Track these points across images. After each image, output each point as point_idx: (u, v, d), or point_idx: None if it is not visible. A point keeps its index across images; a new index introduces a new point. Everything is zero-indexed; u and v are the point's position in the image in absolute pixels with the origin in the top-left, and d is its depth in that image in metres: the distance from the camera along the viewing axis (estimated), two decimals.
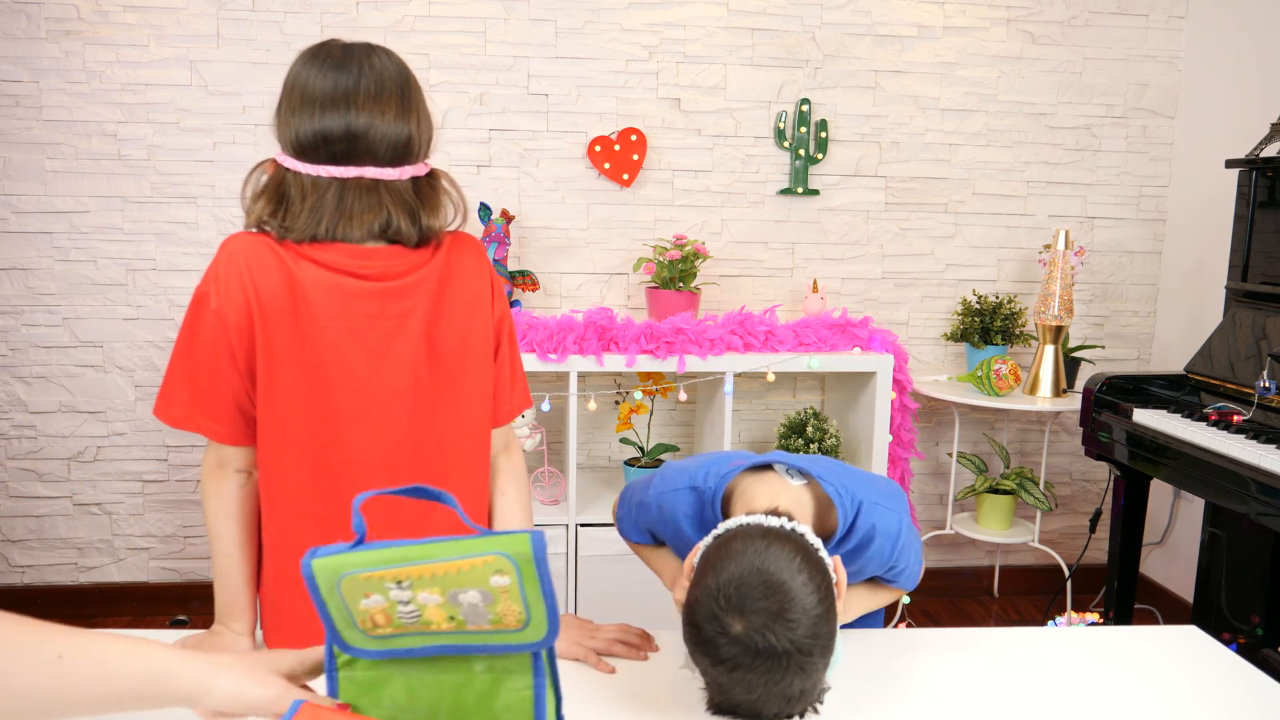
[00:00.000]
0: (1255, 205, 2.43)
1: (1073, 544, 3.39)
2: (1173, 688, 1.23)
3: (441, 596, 0.82)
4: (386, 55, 1.25)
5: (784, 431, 2.92)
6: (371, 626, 0.85)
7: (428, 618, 0.84)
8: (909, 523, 1.28)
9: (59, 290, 2.87)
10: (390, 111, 1.21)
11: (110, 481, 2.98)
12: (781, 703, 0.99)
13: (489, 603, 0.83)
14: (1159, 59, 3.18)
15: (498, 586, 0.82)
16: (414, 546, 0.81)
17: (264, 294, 1.18)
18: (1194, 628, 1.42)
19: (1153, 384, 2.54)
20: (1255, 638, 2.46)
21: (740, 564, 1.00)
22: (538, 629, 0.85)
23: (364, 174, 1.20)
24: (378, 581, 0.81)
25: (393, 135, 1.21)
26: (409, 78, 1.26)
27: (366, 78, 1.20)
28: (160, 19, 2.80)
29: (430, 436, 1.28)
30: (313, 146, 1.20)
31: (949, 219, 3.19)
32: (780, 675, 0.97)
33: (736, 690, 0.99)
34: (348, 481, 1.25)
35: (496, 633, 0.85)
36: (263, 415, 1.22)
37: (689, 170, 3.05)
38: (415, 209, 1.24)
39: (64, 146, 2.81)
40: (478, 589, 0.82)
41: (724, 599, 0.98)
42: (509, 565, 0.81)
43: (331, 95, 1.19)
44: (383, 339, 1.24)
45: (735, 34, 3.00)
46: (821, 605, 1.00)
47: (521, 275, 2.89)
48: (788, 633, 0.96)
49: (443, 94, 2.92)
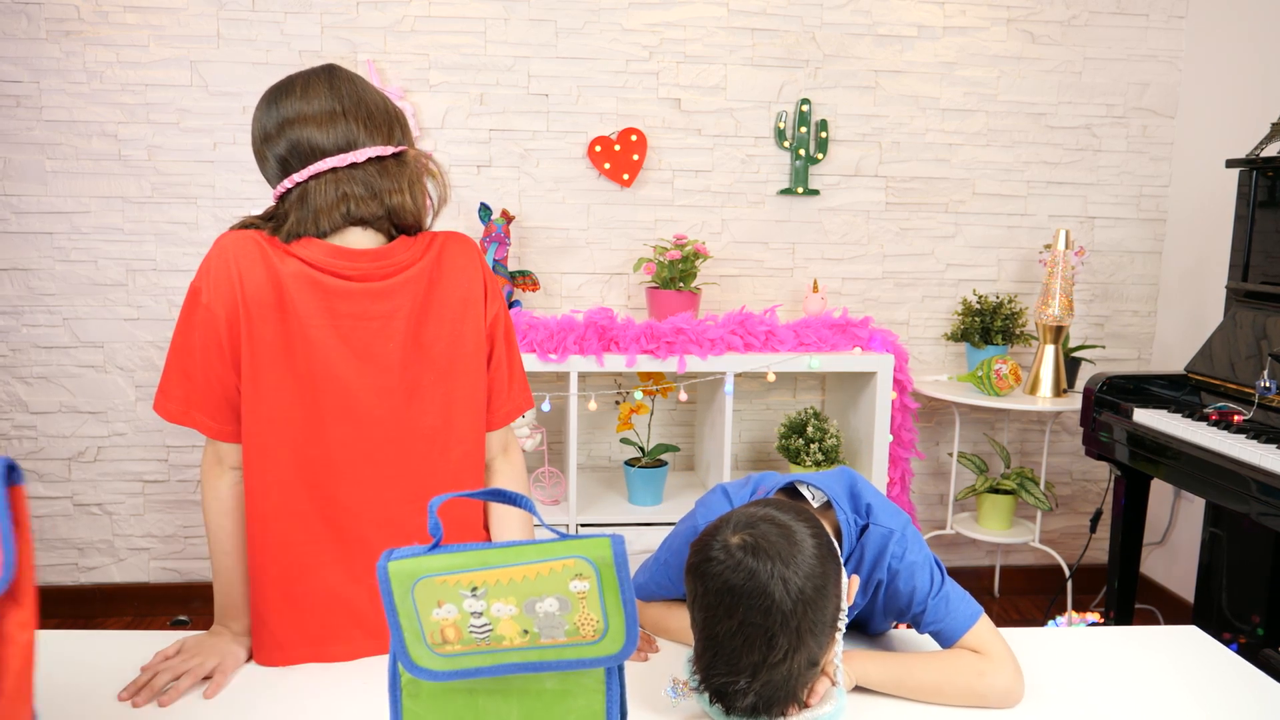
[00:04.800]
0: (1256, 205, 2.42)
1: (1073, 544, 3.39)
2: (1173, 688, 1.23)
3: (517, 607, 0.80)
4: (319, 70, 1.28)
5: (784, 432, 2.92)
6: (440, 642, 0.82)
7: (500, 632, 0.81)
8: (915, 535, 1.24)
9: (59, 290, 2.87)
10: (318, 100, 1.24)
11: (111, 482, 2.98)
12: (763, 648, 0.98)
13: (566, 611, 0.80)
14: (1159, 59, 3.18)
15: (577, 592, 0.80)
16: (493, 550, 0.79)
17: (249, 289, 1.19)
18: (1194, 628, 1.42)
19: (1153, 384, 2.54)
20: (1256, 638, 2.46)
21: (752, 509, 1.06)
22: (615, 640, 0.82)
23: (318, 168, 1.22)
24: (453, 587, 0.79)
25: (329, 138, 1.23)
26: (333, 68, 1.29)
27: (300, 92, 1.25)
28: (160, 19, 2.80)
29: (418, 438, 1.28)
30: (278, 172, 1.26)
31: (949, 219, 3.19)
32: (763, 604, 0.97)
33: (720, 618, 0.99)
34: (332, 480, 1.25)
35: (571, 645, 0.82)
36: (247, 411, 1.23)
37: (689, 170, 3.05)
38: (375, 187, 1.24)
39: (64, 147, 2.81)
40: (556, 595, 0.79)
41: (731, 522, 1.04)
42: (589, 569, 0.79)
43: (277, 124, 1.24)
44: (367, 339, 1.24)
45: (735, 34, 3.00)
46: (820, 568, 1.01)
47: (522, 275, 2.89)
48: (782, 566, 0.98)
49: (443, 94, 2.92)
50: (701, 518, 1.27)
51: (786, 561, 0.99)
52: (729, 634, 0.98)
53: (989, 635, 1.19)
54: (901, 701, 1.17)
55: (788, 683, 1.01)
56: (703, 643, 1.03)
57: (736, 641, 0.98)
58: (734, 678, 0.99)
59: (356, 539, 1.27)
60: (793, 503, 1.11)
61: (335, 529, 1.26)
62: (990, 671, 1.16)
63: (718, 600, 0.99)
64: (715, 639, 1.00)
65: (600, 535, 0.79)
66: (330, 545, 1.26)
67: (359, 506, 1.26)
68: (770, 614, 0.97)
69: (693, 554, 1.05)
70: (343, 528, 1.26)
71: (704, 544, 1.04)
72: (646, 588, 1.36)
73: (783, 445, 2.91)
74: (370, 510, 1.27)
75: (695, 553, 1.04)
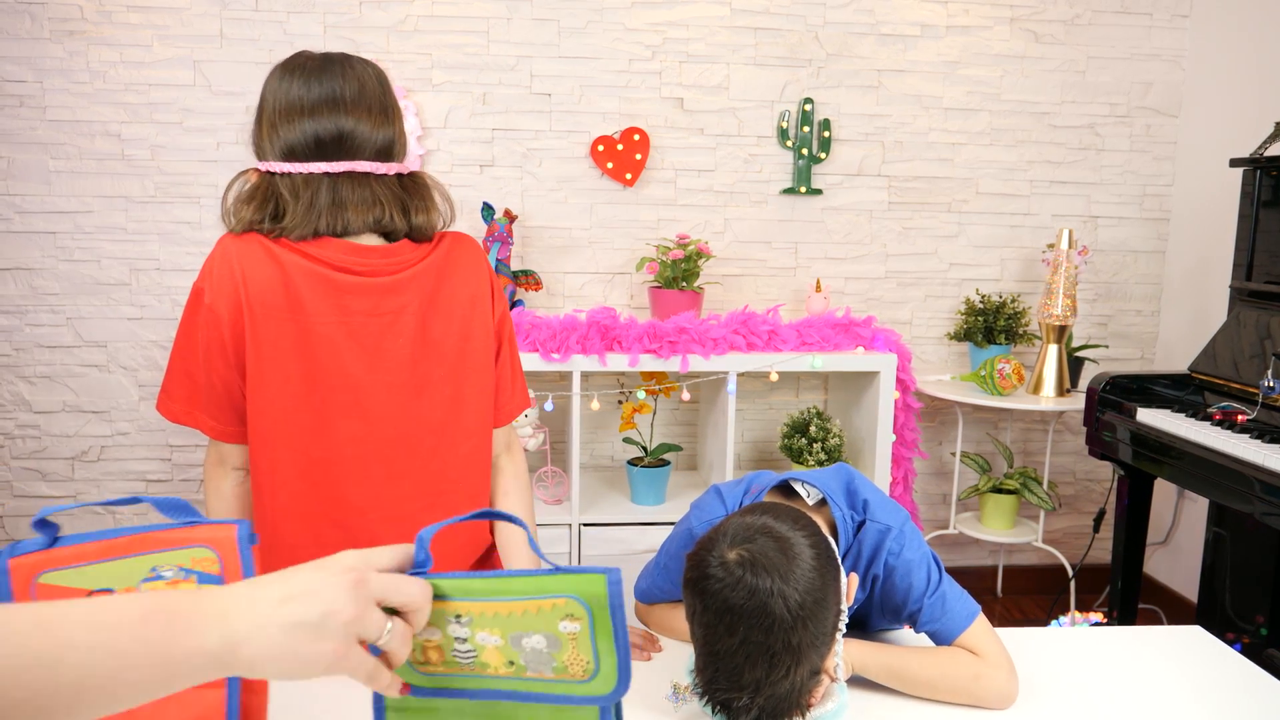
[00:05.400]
0: (1259, 204, 2.42)
1: (1076, 544, 3.38)
2: (1176, 688, 1.23)
3: (502, 639, 0.76)
4: (363, 63, 1.28)
5: (787, 431, 2.92)
6: (422, 661, 0.79)
7: (485, 660, 0.77)
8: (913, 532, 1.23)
9: (63, 290, 2.88)
10: (374, 113, 1.24)
11: (114, 481, 2.99)
12: (764, 665, 0.97)
13: (555, 649, 0.76)
14: (1163, 58, 3.17)
15: (567, 633, 0.75)
16: (481, 580, 0.75)
17: (254, 289, 1.19)
18: (1198, 628, 1.42)
19: (1156, 383, 2.54)
20: (1259, 638, 2.45)
21: (748, 519, 1.04)
22: (606, 681, 0.77)
23: (355, 167, 1.22)
24: (438, 613, 0.75)
25: (378, 135, 1.25)
26: (386, 83, 1.29)
27: (351, 82, 1.24)
28: (163, 19, 2.80)
29: (426, 434, 1.28)
30: (304, 150, 1.22)
31: (952, 218, 3.18)
32: (764, 623, 0.96)
33: (720, 636, 0.98)
34: (339, 479, 1.25)
35: (559, 682, 0.78)
36: (253, 412, 1.23)
37: (692, 170, 3.05)
38: (405, 203, 1.26)
39: (68, 147, 2.82)
40: (544, 633, 0.75)
41: (727, 535, 1.01)
42: (581, 610, 0.74)
43: (319, 101, 1.22)
44: (376, 335, 1.24)
45: (738, 33, 3.00)
46: (820, 580, 1.00)
47: (524, 275, 2.89)
48: (781, 582, 0.97)
49: (445, 94, 2.92)
50: (696, 520, 1.27)
51: (785, 577, 0.97)
52: (730, 651, 0.97)
53: (986, 636, 1.19)
54: (904, 701, 1.17)
55: (790, 695, 1.00)
56: (704, 658, 1.01)
57: (738, 659, 0.97)
58: (737, 693, 0.98)
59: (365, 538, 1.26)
60: (788, 506, 1.09)
61: (343, 529, 1.26)
62: (986, 675, 1.16)
63: (718, 619, 0.98)
64: (716, 655, 0.99)
65: (596, 570, 0.73)
66: (338, 547, 1.26)
67: (366, 504, 1.26)
68: (772, 632, 0.96)
69: (689, 569, 1.03)
70: (350, 528, 1.26)
71: (700, 559, 1.01)
72: (650, 593, 1.36)
73: (785, 445, 2.91)
74: (378, 507, 1.27)
75: (692, 568, 1.02)
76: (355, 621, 0.63)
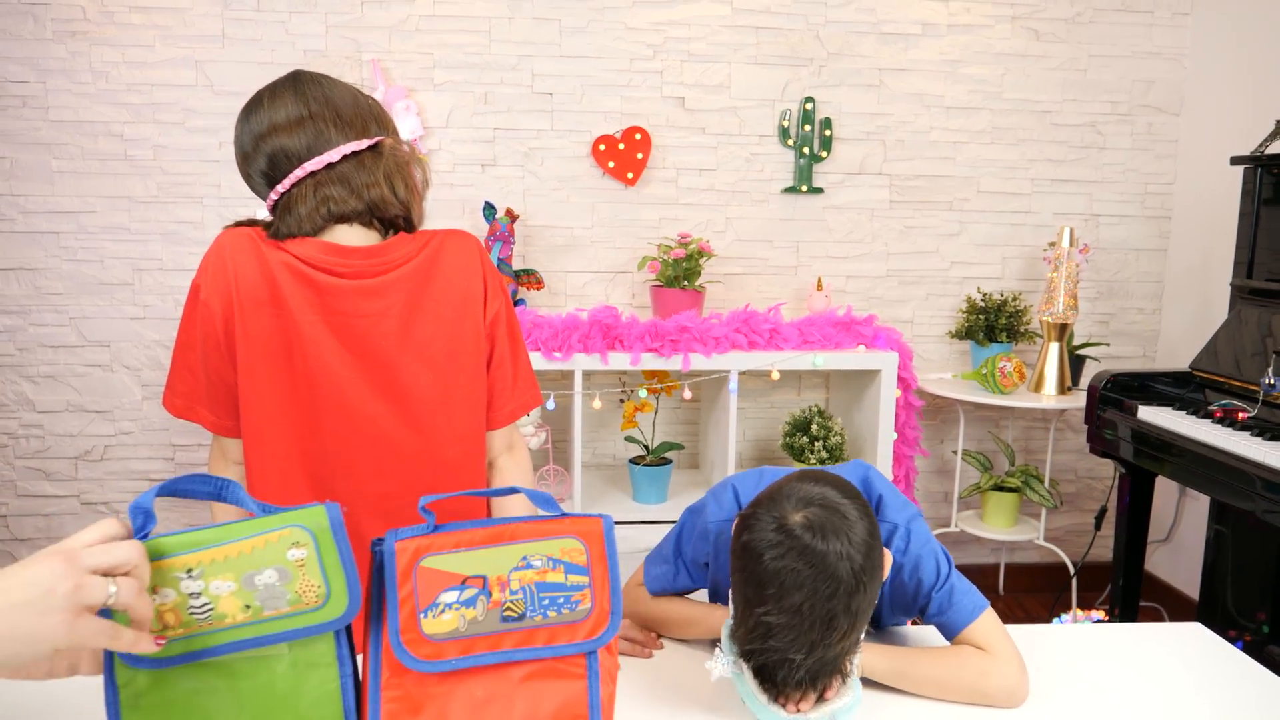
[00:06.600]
0: (1260, 202, 2.42)
1: (1078, 541, 3.38)
2: (1178, 685, 1.23)
3: (236, 582, 0.80)
4: (283, 76, 1.28)
5: (788, 430, 2.93)
6: (160, 629, 0.80)
7: (221, 610, 0.81)
8: (922, 527, 1.23)
9: (66, 290, 2.89)
10: (285, 108, 1.24)
11: (117, 480, 2.99)
12: (822, 628, 0.96)
13: (286, 580, 0.81)
14: (1164, 56, 3.17)
15: (295, 560, 0.81)
16: (206, 530, 0.80)
17: (243, 285, 1.20)
18: (1199, 625, 1.42)
19: (1158, 381, 2.54)
20: (1261, 635, 2.46)
21: (805, 486, 1.03)
22: (338, 603, 0.83)
23: (329, 158, 1.22)
24: (167, 571, 0.78)
25: (296, 130, 1.23)
26: (298, 74, 1.28)
27: (267, 104, 1.25)
28: (166, 19, 2.80)
29: (411, 436, 1.28)
30: (284, 164, 1.24)
31: (953, 217, 3.19)
32: (829, 586, 0.95)
33: (782, 596, 0.96)
34: (329, 472, 1.26)
35: (295, 614, 0.82)
36: (244, 404, 1.24)
37: (693, 169, 3.05)
38: (355, 184, 1.24)
39: (70, 147, 2.82)
40: (274, 566, 0.80)
41: (791, 498, 1.01)
42: (306, 537, 0.80)
43: (252, 140, 1.24)
44: (359, 335, 1.24)
45: (739, 32, 3.00)
46: (876, 544, 1.01)
47: (526, 274, 2.89)
48: (848, 545, 0.97)
49: (447, 93, 2.93)
50: (713, 515, 1.26)
51: (851, 541, 0.98)
52: (790, 611, 0.97)
53: (994, 631, 1.19)
54: (913, 700, 1.17)
55: (838, 659, 1.01)
56: (753, 621, 1.00)
57: (795, 620, 0.97)
58: (791, 655, 0.98)
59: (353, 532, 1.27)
60: (836, 477, 1.08)
61: None
62: (995, 672, 1.15)
63: (775, 580, 0.97)
64: (767, 618, 0.98)
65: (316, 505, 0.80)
66: None
67: (354, 500, 1.27)
68: (835, 596, 0.96)
69: (745, 531, 1.01)
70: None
71: (757, 521, 1.00)
72: (659, 581, 1.33)
73: (787, 443, 2.91)
74: (366, 504, 1.27)
75: (748, 529, 1.01)
76: (76, 590, 0.67)
